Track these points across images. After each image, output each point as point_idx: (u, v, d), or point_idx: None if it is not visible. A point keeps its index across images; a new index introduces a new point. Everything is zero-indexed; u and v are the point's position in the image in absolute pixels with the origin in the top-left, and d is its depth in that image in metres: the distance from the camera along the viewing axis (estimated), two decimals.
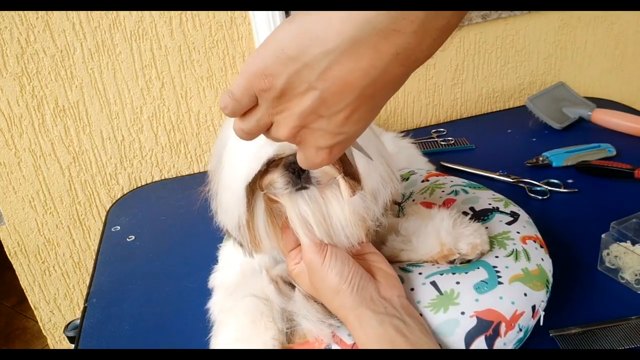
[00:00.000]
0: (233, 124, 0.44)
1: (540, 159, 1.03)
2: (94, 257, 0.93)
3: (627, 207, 0.81)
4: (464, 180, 0.82)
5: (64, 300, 1.23)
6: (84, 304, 0.80)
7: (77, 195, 1.15)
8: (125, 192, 1.17)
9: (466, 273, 0.60)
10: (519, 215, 0.71)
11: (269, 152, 0.53)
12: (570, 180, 0.97)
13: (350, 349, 0.56)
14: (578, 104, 1.21)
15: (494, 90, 1.37)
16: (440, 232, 0.63)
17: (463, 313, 0.56)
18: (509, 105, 1.39)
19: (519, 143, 1.15)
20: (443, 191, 0.78)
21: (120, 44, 1.05)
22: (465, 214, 0.71)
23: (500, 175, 1.00)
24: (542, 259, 0.64)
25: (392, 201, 0.64)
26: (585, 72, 1.41)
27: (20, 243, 1.15)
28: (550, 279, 0.63)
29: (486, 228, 0.66)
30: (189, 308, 0.75)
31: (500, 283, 0.59)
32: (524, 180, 0.97)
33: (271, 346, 0.56)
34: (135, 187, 1.17)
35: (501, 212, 0.71)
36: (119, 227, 1.00)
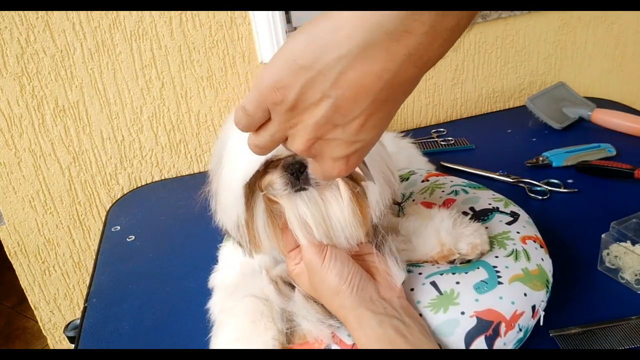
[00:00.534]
0: (247, 139, 0.44)
1: (540, 159, 1.03)
2: (94, 257, 0.93)
3: (627, 207, 0.81)
4: (464, 180, 0.82)
5: (64, 300, 1.23)
6: (84, 304, 0.80)
7: (77, 195, 1.15)
8: (125, 192, 1.17)
9: (466, 273, 0.60)
10: (519, 215, 0.71)
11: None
12: (570, 180, 0.97)
13: (350, 349, 0.56)
14: (578, 104, 1.21)
15: (494, 90, 1.37)
16: (440, 232, 0.63)
17: (463, 313, 0.56)
18: (509, 105, 1.39)
19: (519, 143, 1.15)
20: (443, 191, 0.78)
21: (120, 44, 1.05)
22: (465, 214, 0.71)
23: (500, 175, 1.00)
24: (542, 259, 0.64)
25: (392, 201, 0.64)
26: (585, 72, 1.41)
27: (20, 243, 1.15)
28: (550, 279, 0.63)
29: (486, 228, 0.66)
30: (189, 308, 0.75)
31: (500, 283, 0.59)
32: (524, 180, 0.97)
33: (271, 346, 0.56)
34: (135, 187, 1.17)
35: (501, 212, 0.71)
36: (119, 227, 1.00)
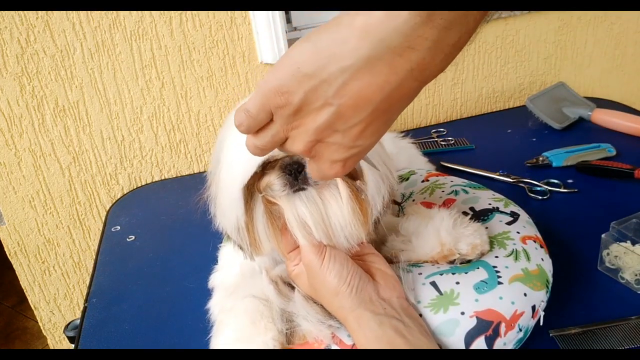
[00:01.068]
0: (246, 141, 0.45)
1: (540, 159, 1.03)
2: (94, 257, 0.93)
3: (627, 207, 0.81)
4: (464, 180, 0.82)
5: (64, 300, 1.23)
6: (84, 304, 0.80)
7: (77, 195, 1.15)
8: (125, 192, 1.17)
9: (466, 273, 0.60)
10: (519, 215, 0.71)
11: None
12: (570, 180, 0.97)
13: (350, 349, 0.56)
14: (578, 104, 1.21)
15: (494, 90, 1.37)
16: (440, 232, 0.63)
17: (463, 313, 0.56)
18: (509, 105, 1.39)
19: (519, 143, 1.15)
20: (443, 191, 0.78)
21: (120, 44, 1.05)
22: (465, 214, 0.71)
23: (500, 175, 1.00)
24: (542, 259, 0.64)
25: (392, 201, 0.63)
26: (585, 72, 1.41)
27: (20, 243, 1.15)
28: (550, 279, 0.63)
29: (486, 228, 0.66)
30: (189, 308, 0.75)
31: (500, 283, 0.59)
32: (524, 180, 0.97)
33: (271, 346, 0.56)
34: (135, 187, 1.17)
35: (501, 212, 0.71)
36: (119, 227, 1.00)
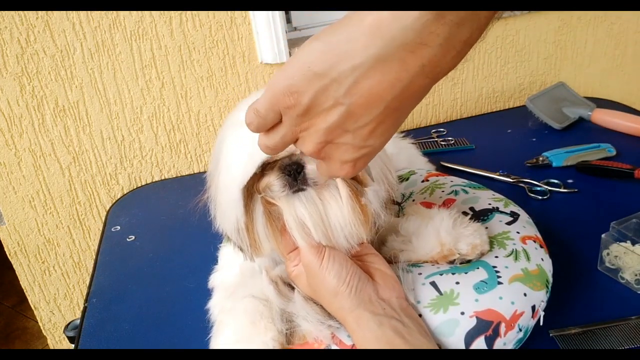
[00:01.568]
0: (258, 140, 0.45)
1: (540, 159, 1.03)
2: (94, 257, 0.93)
3: (627, 207, 0.81)
4: (464, 180, 0.82)
5: (64, 300, 1.23)
6: (84, 304, 0.80)
7: (77, 195, 1.15)
8: (125, 192, 1.17)
9: (466, 273, 0.60)
10: (519, 215, 0.71)
11: (263, 154, 0.52)
12: (570, 180, 0.97)
13: (350, 349, 0.56)
14: (578, 104, 1.21)
15: (494, 90, 1.37)
16: (440, 233, 0.63)
17: (463, 313, 0.56)
18: (509, 105, 1.39)
19: (519, 143, 1.15)
20: (443, 191, 0.78)
21: (120, 44, 1.05)
22: (465, 214, 0.71)
23: (500, 175, 1.00)
24: (542, 259, 0.64)
25: (392, 201, 0.63)
26: (585, 72, 1.41)
27: (20, 243, 1.15)
28: (550, 279, 0.63)
29: (486, 228, 0.66)
30: (189, 308, 0.75)
31: (500, 283, 0.59)
32: (524, 180, 0.97)
33: (271, 347, 0.56)
34: (135, 187, 1.17)
35: (501, 212, 0.71)
36: (119, 227, 1.00)
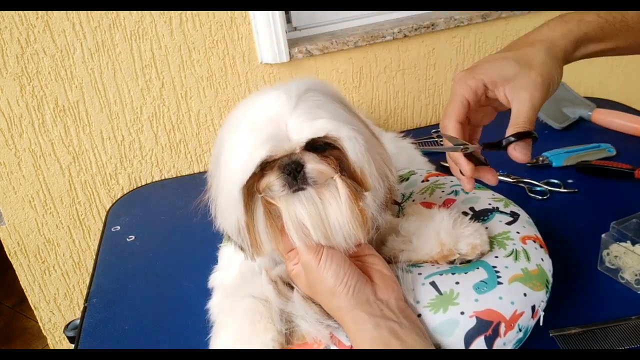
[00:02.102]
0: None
1: (540, 159, 1.03)
2: (94, 257, 0.93)
3: (627, 207, 0.80)
4: None
5: (64, 300, 1.23)
6: (84, 304, 0.80)
7: (77, 195, 1.15)
8: (125, 192, 1.17)
9: (466, 273, 0.60)
10: (519, 215, 0.71)
11: (262, 154, 0.52)
12: (570, 180, 0.97)
13: (349, 349, 0.56)
14: (578, 104, 1.21)
15: None
16: (440, 233, 0.63)
17: (462, 313, 0.56)
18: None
19: None
20: (443, 191, 0.78)
21: (120, 44, 1.05)
22: (465, 214, 0.71)
23: (500, 175, 0.99)
24: (542, 259, 0.64)
25: (392, 201, 0.64)
26: (585, 72, 1.41)
27: (20, 243, 1.15)
28: (550, 279, 0.63)
29: (486, 228, 0.66)
30: (189, 308, 0.75)
31: (499, 283, 0.59)
32: (524, 180, 0.97)
33: (270, 347, 0.56)
34: (135, 187, 1.17)
35: (501, 212, 0.71)
36: (119, 227, 1.00)
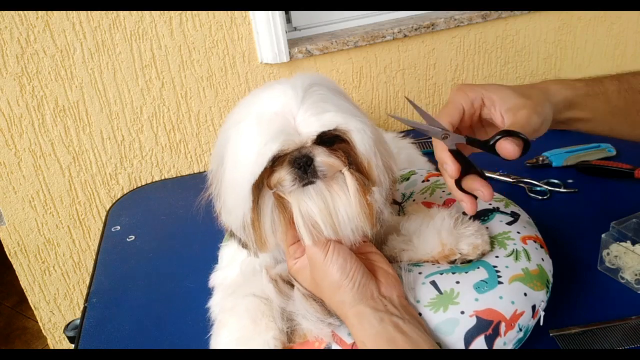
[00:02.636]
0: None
1: (540, 159, 1.04)
2: (94, 257, 0.93)
3: (627, 207, 0.80)
4: None
5: (64, 300, 1.23)
6: (84, 304, 0.80)
7: (77, 195, 1.15)
8: (125, 192, 1.17)
9: (466, 273, 0.60)
10: (519, 215, 0.71)
11: (273, 148, 0.52)
12: (570, 180, 0.97)
13: (350, 349, 0.56)
14: None
15: None
16: (441, 232, 0.63)
17: (463, 312, 0.56)
18: None
19: None
20: (444, 191, 0.78)
21: (120, 44, 1.05)
22: (465, 214, 0.71)
23: (500, 175, 1.00)
24: (543, 259, 0.64)
25: (392, 201, 0.64)
26: (585, 72, 1.41)
27: (20, 243, 1.15)
28: (551, 279, 0.63)
29: (486, 228, 0.66)
30: (189, 308, 0.75)
31: (500, 283, 0.59)
32: (524, 180, 0.97)
33: (272, 346, 0.56)
34: (135, 187, 1.17)
35: (502, 213, 0.71)
36: (119, 227, 1.00)
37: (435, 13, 1.29)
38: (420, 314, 0.57)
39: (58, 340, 1.27)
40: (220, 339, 0.60)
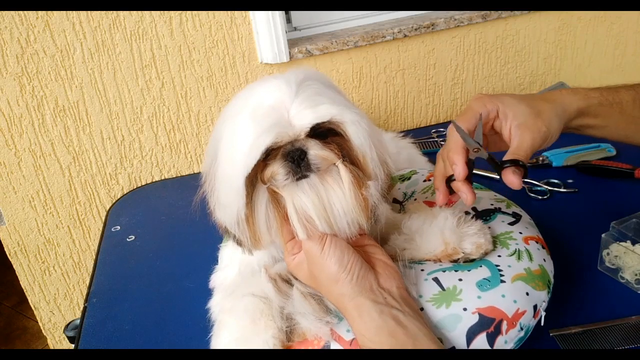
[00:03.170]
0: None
1: (541, 158, 1.03)
2: (94, 257, 0.93)
3: (627, 207, 0.81)
4: None
5: (64, 300, 1.23)
6: (84, 304, 0.80)
7: (77, 195, 1.15)
8: (125, 192, 1.17)
9: (469, 271, 0.60)
10: (521, 216, 0.71)
11: (267, 141, 0.52)
12: (570, 180, 0.97)
13: (350, 349, 0.56)
14: None
15: (494, 90, 1.37)
16: (444, 231, 0.63)
17: (465, 309, 0.56)
18: None
19: None
20: None
21: (120, 44, 1.05)
22: (467, 213, 0.71)
23: None
24: (544, 260, 0.64)
25: (393, 200, 0.63)
26: (585, 72, 1.41)
27: (20, 243, 1.15)
28: (552, 280, 0.63)
29: (489, 227, 0.66)
30: (189, 308, 0.75)
31: (502, 281, 0.59)
32: (524, 180, 0.96)
33: (272, 345, 0.56)
34: (135, 187, 1.17)
35: (503, 213, 0.71)
36: (119, 227, 1.00)
37: (435, 13, 1.29)
38: (421, 309, 0.57)
39: (58, 340, 1.27)
40: (220, 338, 0.59)
